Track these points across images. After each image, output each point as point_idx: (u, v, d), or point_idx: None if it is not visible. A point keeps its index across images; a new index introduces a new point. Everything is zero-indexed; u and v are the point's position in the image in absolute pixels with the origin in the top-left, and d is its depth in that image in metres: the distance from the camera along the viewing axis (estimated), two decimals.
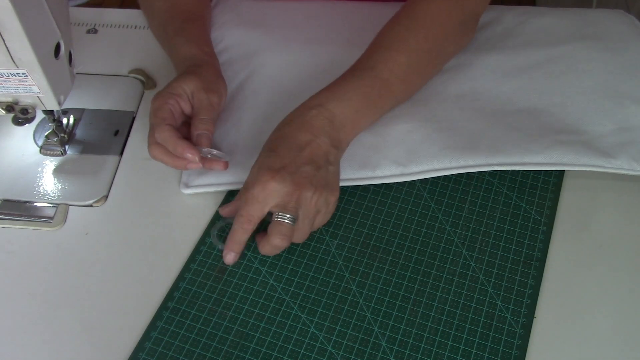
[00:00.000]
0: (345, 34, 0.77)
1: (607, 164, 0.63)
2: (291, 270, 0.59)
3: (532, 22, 0.76)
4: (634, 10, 1.33)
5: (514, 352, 0.54)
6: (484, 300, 0.57)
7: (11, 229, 0.63)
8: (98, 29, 0.82)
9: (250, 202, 0.56)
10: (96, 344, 0.55)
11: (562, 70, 0.71)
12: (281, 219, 0.56)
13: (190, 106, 0.64)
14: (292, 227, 0.56)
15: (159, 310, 0.57)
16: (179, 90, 0.64)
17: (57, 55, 0.59)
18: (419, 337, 0.55)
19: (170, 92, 0.63)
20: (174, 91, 0.63)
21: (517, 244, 0.60)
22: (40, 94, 0.59)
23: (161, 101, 0.63)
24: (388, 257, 0.60)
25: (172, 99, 0.63)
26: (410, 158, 0.64)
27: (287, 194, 0.55)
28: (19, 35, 0.52)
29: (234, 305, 0.57)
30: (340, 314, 0.57)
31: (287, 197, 0.56)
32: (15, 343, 0.56)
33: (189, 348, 0.55)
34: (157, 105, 0.62)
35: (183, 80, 0.64)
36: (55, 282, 0.59)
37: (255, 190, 0.56)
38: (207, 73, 0.66)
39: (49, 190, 0.65)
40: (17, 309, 0.58)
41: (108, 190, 0.66)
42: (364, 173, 0.64)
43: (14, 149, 0.68)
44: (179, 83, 0.64)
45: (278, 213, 0.56)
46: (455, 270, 0.59)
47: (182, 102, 0.64)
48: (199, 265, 0.60)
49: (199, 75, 0.65)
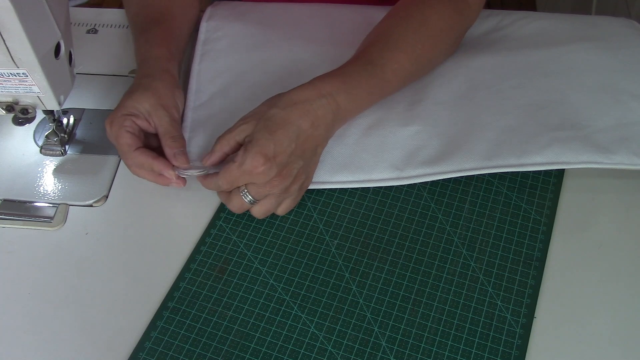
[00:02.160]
0: (346, 35, 0.77)
1: (606, 160, 0.63)
2: (291, 270, 0.59)
3: (532, 25, 0.76)
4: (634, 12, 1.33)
5: (513, 352, 0.54)
6: (484, 300, 0.57)
7: (11, 229, 0.63)
8: (98, 29, 0.82)
9: (234, 176, 0.57)
10: (96, 344, 0.55)
11: (562, 69, 0.70)
12: (244, 197, 0.58)
13: (147, 124, 0.62)
14: (249, 205, 0.59)
15: (159, 310, 0.57)
16: (133, 110, 0.62)
17: (57, 55, 0.59)
18: (419, 337, 0.55)
19: (124, 114, 0.61)
20: (128, 112, 0.61)
21: (517, 244, 0.60)
22: (41, 94, 0.60)
23: (117, 127, 0.61)
24: (388, 257, 0.60)
25: (127, 121, 0.61)
26: (408, 162, 0.64)
27: (268, 183, 0.57)
28: (19, 35, 0.52)
29: (234, 305, 0.57)
30: (340, 313, 0.57)
31: (266, 185, 0.57)
32: (15, 343, 0.56)
33: (189, 348, 0.55)
34: (115, 133, 0.61)
35: (137, 99, 0.62)
36: (55, 282, 0.59)
37: (244, 168, 0.56)
38: (161, 86, 0.63)
39: (49, 190, 0.65)
40: (17, 309, 0.58)
41: (108, 190, 0.66)
42: (361, 175, 0.64)
43: (14, 149, 0.68)
44: (133, 102, 0.62)
45: (244, 190, 0.58)
46: (455, 270, 0.59)
47: (138, 121, 0.62)
48: (199, 265, 0.60)
49: (153, 91, 0.62)
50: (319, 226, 0.62)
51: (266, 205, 0.59)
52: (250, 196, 0.58)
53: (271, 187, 0.57)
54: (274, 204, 0.60)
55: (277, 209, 0.61)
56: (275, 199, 0.59)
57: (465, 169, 0.63)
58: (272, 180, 0.57)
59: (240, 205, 0.60)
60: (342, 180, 0.64)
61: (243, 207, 0.60)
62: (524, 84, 0.69)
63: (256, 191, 0.58)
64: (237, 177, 0.57)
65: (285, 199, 0.60)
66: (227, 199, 0.60)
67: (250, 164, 0.55)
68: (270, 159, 0.56)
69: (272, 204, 0.60)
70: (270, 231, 0.62)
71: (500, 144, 0.64)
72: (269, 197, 0.59)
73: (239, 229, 0.62)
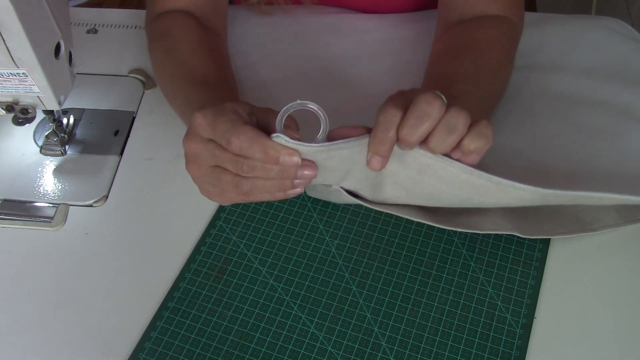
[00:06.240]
0: (365, 46, 0.77)
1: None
2: (291, 270, 0.59)
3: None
4: (634, 12, 1.33)
5: (513, 352, 0.54)
6: (484, 300, 0.57)
7: (11, 229, 0.63)
8: (98, 29, 0.82)
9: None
10: (96, 344, 0.55)
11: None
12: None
13: (249, 120, 0.49)
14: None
15: (159, 310, 0.57)
16: (230, 104, 0.49)
17: (57, 55, 0.59)
18: (419, 337, 0.55)
19: (220, 103, 0.49)
20: (224, 102, 0.49)
21: (517, 244, 0.60)
22: (40, 94, 0.60)
23: (216, 107, 0.47)
24: (388, 257, 0.60)
25: (227, 103, 0.49)
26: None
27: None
28: (19, 35, 0.52)
29: (234, 305, 0.57)
30: (340, 314, 0.57)
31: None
32: (15, 343, 0.56)
33: (189, 348, 0.55)
34: (213, 115, 0.47)
35: (230, 103, 0.49)
36: (55, 282, 0.59)
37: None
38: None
39: (49, 190, 0.65)
40: (17, 309, 0.58)
41: (108, 190, 0.66)
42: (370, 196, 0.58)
43: (14, 149, 0.68)
44: (229, 103, 0.49)
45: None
46: (455, 270, 0.59)
47: (239, 109, 0.49)
48: (199, 265, 0.60)
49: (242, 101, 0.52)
50: (319, 226, 0.62)
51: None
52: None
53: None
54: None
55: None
56: None
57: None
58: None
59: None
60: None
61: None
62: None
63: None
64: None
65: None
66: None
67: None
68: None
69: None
70: (270, 231, 0.62)
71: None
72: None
73: (239, 229, 0.62)
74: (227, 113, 0.47)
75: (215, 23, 0.71)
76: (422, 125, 0.44)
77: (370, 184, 0.54)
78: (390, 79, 0.73)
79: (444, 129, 0.45)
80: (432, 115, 0.44)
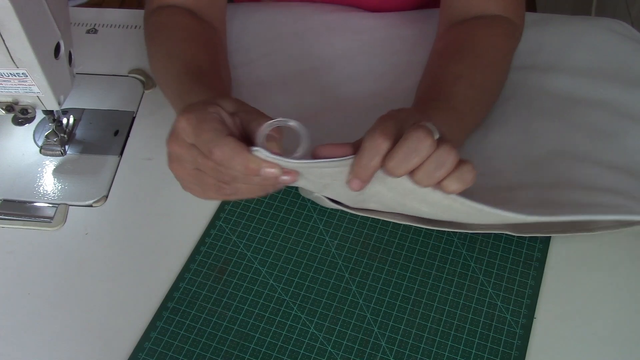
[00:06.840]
0: (364, 45, 0.78)
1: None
2: (291, 270, 0.59)
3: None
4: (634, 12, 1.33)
5: (513, 352, 0.54)
6: (484, 301, 0.57)
7: (11, 229, 0.63)
8: (98, 29, 0.82)
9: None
10: (96, 344, 0.55)
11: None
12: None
13: (233, 124, 0.49)
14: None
15: (159, 311, 0.57)
16: (214, 101, 0.49)
17: (57, 55, 0.59)
18: (418, 338, 0.55)
19: (204, 105, 0.48)
20: (209, 103, 0.49)
21: (517, 244, 0.60)
22: (40, 94, 0.60)
23: (198, 114, 0.47)
24: (388, 257, 0.60)
25: (211, 108, 0.48)
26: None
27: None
28: (19, 35, 0.52)
29: (234, 306, 0.57)
30: (340, 314, 0.57)
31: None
32: (15, 343, 0.56)
33: (189, 348, 0.55)
34: (196, 120, 0.46)
35: (214, 98, 0.50)
36: (55, 282, 0.59)
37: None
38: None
39: (49, 190, 0.65)
40: (17, 309, 0.58)
41: (108, 190, 0.66)
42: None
43: (14, 149, 0.68)
44: (211, 100, 0.49)
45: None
46: (455, 270, 0.59)
47: (223, 113, 0.48)
48: (199, 265, 0.60)
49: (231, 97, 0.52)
50: (319, 226, 0.62)
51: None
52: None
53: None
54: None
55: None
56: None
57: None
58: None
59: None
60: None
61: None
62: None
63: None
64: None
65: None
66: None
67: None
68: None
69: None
70: (270, 231, 0.62)
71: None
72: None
73: (238, 229, 0.62)
74: (211, 121, 0.47)
75: (212, 17, 0.71)
76: (409, 161, 0.45)
77: (352, 199, 0.55)
78: (390, 78, 0.73)
79: (432, 166, 0.45)
80: (421, 154, 0.44)
